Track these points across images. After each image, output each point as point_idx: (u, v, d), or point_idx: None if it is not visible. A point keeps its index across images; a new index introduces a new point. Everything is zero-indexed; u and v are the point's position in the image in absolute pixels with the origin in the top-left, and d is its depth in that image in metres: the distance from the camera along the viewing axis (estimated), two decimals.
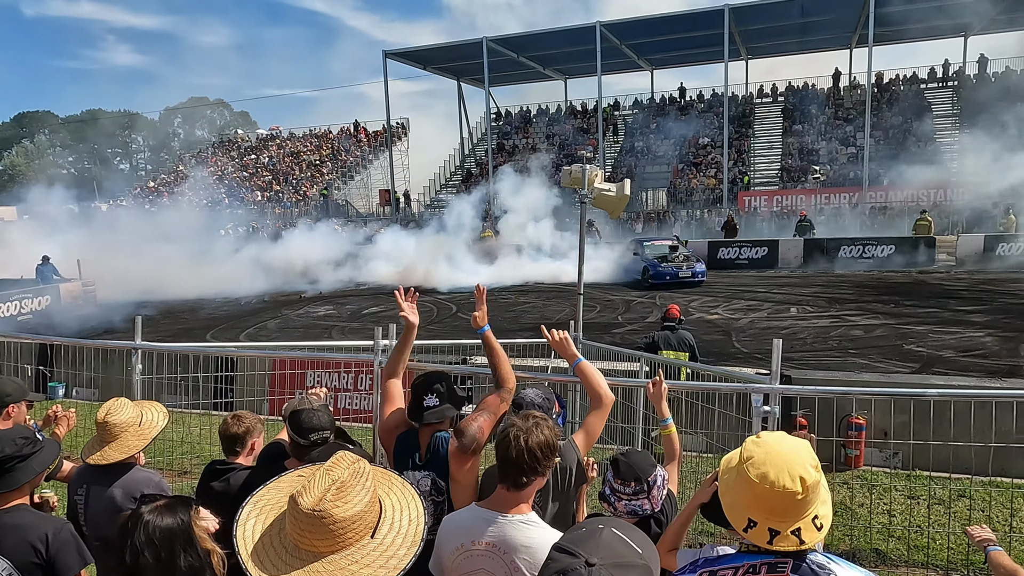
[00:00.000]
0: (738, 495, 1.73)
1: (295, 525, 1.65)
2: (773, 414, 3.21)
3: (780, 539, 1.65)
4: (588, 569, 1.41)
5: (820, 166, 32.10)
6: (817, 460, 1.73)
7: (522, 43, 37.00)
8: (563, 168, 5.43)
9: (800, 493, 1.64)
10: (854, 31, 32.34)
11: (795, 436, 2.61)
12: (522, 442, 2.17)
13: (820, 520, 1.67)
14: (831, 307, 15.97)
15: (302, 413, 2.97)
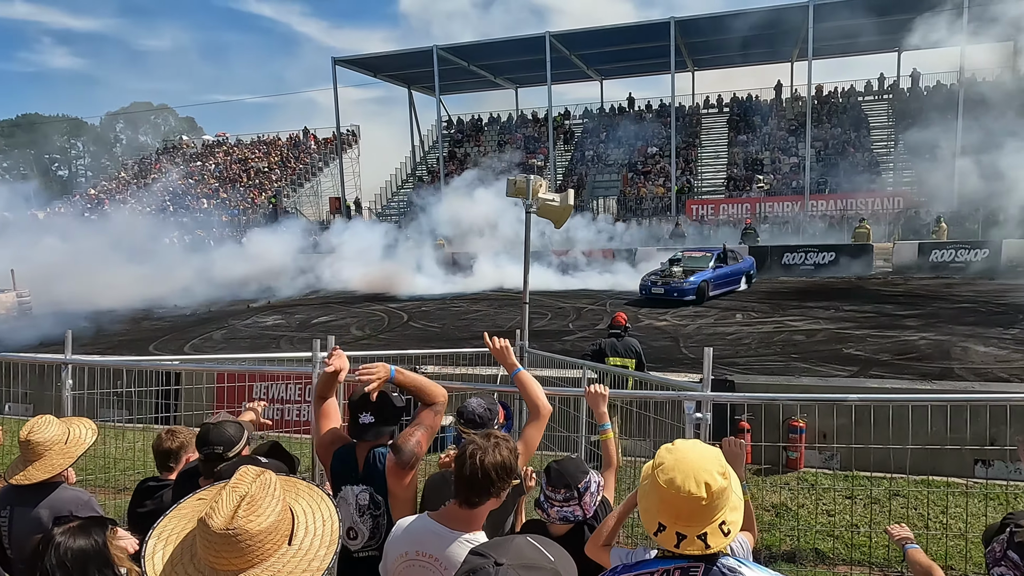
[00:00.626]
0: (650, 500, 1.78)
1: (209, 547, 1.61)
2: (705, 421, 3.29)
3: (687, 543, 1.71)
4: (496, 568, 1.43)
5: (764, 175, 32.99)
6: (727, 468, 1.78)
7: (473, 52, 37.12)
8: (507, 178, 5.48)
9: (705, 499, 1.69)
10: (795, 45, 33.36)
11: (730, 441, 2.70)
12: (477, 461, 2.17)
13: (728, 526, 1.72)
14: (775, 313, 16.40)
15: (206, 428, 2.90)
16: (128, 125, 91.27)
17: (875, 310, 16.17)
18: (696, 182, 35.14)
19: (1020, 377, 10.51)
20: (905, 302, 17.15)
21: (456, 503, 2.23)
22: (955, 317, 14.99)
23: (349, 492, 2.81)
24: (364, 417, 2.82)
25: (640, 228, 29.47)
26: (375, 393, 2.79)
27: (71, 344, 5.89)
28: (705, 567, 1.72)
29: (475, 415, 2.99)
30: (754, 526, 2.65)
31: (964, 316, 15.08)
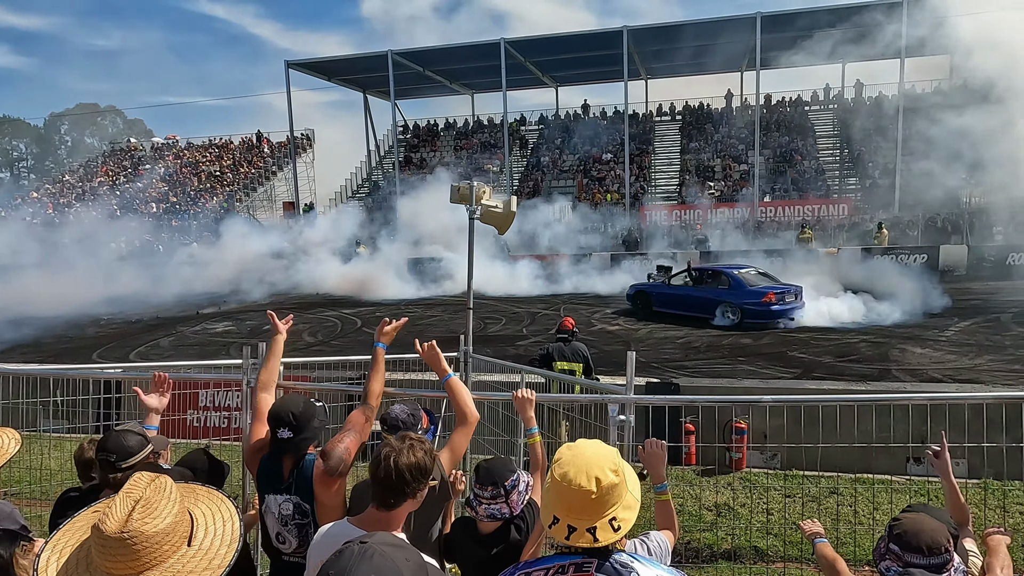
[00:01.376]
0: (548, 494, 1.86)
1: (104, 553, 1.60)
2: (628, 423, 3.38)
3: (576, 536, 1.77)
4: (360, 545, 1.51)
5: (715, 182, 33.67)
6: (621, 466, 1.85)
7: (428, 57, 37.08)
8: (451, 185, 5.53)
9: (595, 493, 1.76)
10: (744, 56, 34.15)
11: (651, 442, 2.79)
12: (391, 463, 2.20)
13: (618, 522, 1.79)
14: None
15: (107, 435, 2.85)
16: (73, 127, 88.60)
17: None
18: (650, 188, 35.68)
19: (953, 377, 10.94)
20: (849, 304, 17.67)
21: (374, 506, 2.26)
22: (896, 319, 15.55)
23: (273, 502, 2.80)
24: (283, 432, 2.79)
25: (596, 233, 29.79)
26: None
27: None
28: (598, 563, 1.78)
29: (398, 421, 3.03)
30: (674, 525, 2.71)
31: (903, 318, 15.63)
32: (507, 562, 2.03)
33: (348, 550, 1.52)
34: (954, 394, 5.93)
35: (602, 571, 1.78)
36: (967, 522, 2.93)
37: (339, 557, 1.51)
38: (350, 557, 1.49)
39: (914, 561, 2.23)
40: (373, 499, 2.26)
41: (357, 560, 1.47)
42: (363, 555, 1.48)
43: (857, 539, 5.63)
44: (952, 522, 2.71)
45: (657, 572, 1.82)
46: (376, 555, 1.49)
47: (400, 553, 1.54)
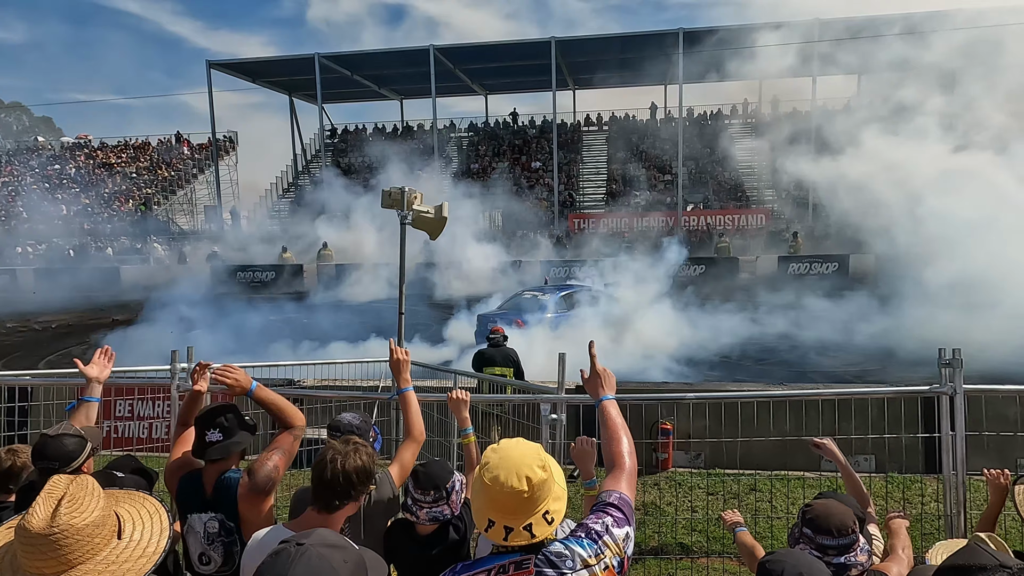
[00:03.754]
0: (479, 498, 1.89)
1: (31, 552, 1.55)
2: (560, 421, 3.48)
3: (514, 535, 1.82)
4: (297, 548, 1.50)
5: (640, 191, 34.53)
6: (547, 461, 1.91)
7: (356, 61, 36.68)
8: (382, 189, 5.53)
9: (527, 492, 1.81)
10: (668, 69, 35.19)
11: (582, 440, 2.88)
12: (338, 465, 2.20)
13: (551, 515, 1.85)
14: None
15: (43, 441, 2.71)
16: None
17: (745, 317, 17.26)
18: (577, 196, 36.26)
19: (863, 378, 11.58)
20: (766, 311, 18.42)
21: (314, 509, 2.25)
22: (812, 324, 16.31)
23: (196, 520, 2.70)
24: (211, 434, 2.73)
25: (524, 240, 30.05)
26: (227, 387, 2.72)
27: None
28: (536, 558, 1.83)
29: (352, 427, 3.01)
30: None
31: (819, 324, 16.41)
32: (447, 563, 2.05)
33: (284, 551, 1.49)
34: (858, 390, 6.31)
35: (542, 564, 1.82)
36: (868, 504, 3.15)
37: (275, 559, 1.48)
38: (287, 559, 1.47)
39: (825, 543, 2.38)
40: (315, 502, 2.25)
41: (294, 561, 1.45)
42: (300, 556, 1.46)
43: (775, 532, 5.89)
44: (858, 507, 2.92)
45: (587, 550, 1.86)
46: (314, 556, 1.47)
47: (338, 554, 1.53)
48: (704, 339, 14.98)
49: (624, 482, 2.10)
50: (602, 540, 1.88)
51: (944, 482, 4.15)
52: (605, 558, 1.86)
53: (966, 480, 4.08)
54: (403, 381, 3.15)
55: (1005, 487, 2.84)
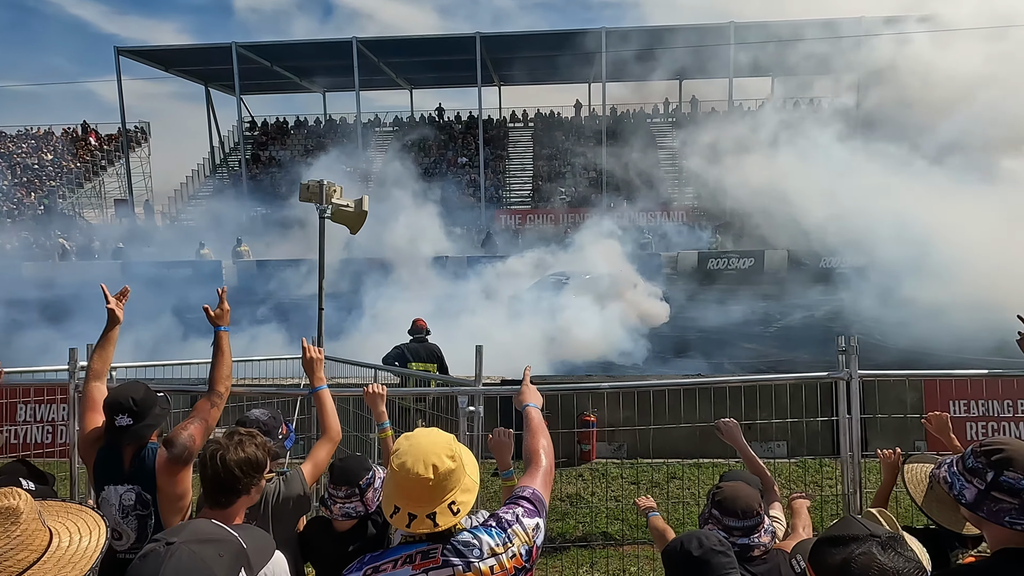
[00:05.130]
0: (388, 485, 1.90)
1: None
2: (477, 413, 3.50)
3: (417, 523, 1.83)
4: (167, 548, 1.46)
5: (566, 188, 34.92)
6: (459, 452, 1.93)
7: (276, 52, 35.67)
8: (300, 183, 5.40)
9: (432, 480, 1.82)
10: (592, 67, 35.72)
11: (499, 431, 2.89)
12: (219, 460, 2.16)
13: (457, 506, 1.86)
14: None
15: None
16: None
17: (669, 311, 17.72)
18: (504, 193, 36.38)
19: (776, 368, 12.05)
20: (687, 305, 18.99)
21: (207, 507, 2.21)
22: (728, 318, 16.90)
23: (112, 492, 2.64)
24: (121, 419, 2.65)
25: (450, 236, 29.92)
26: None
27: None
28: (443, 547, 1.85)
29: (258, 423, 2.93)
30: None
31: (735, 317, 17.02)
32: None
33: (153, 553, 1.45)
34: (762, 377, 6.58)
35: (448, 553, 1.84)
36: (771, 485, 3.29)
37: (144, 562, 1.44)
38: (156, 560, 1.43)
39: (731, 524, 2.49)
40: (205, 499, 2.21)
41: (164, 562, 1.42)
42: (170, 556, 1.43)
43: (694, 519, 6.07)
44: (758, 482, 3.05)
45: (494, 539, 1.88)
46: (184, 554, 1.44)
47: (211, 548, 1.49)
48: (632, 332, 15.32)
49: (540, 479, 2.13)
50: (511, 528, 1.90)
51: (842, 463, 4.36)
52: (513, 546, 1.88)
53: (862, 461, 4.30)
54: (317, 380, 3.11)
55: (896, 465, 3.01)
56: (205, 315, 3.02)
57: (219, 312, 3.01)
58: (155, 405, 2.74)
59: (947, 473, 1.98)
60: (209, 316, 3.01)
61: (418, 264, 23.91)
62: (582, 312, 15.23)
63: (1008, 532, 1.83)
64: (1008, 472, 1.83)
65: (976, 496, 1.87)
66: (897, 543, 1.43)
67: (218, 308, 3.02)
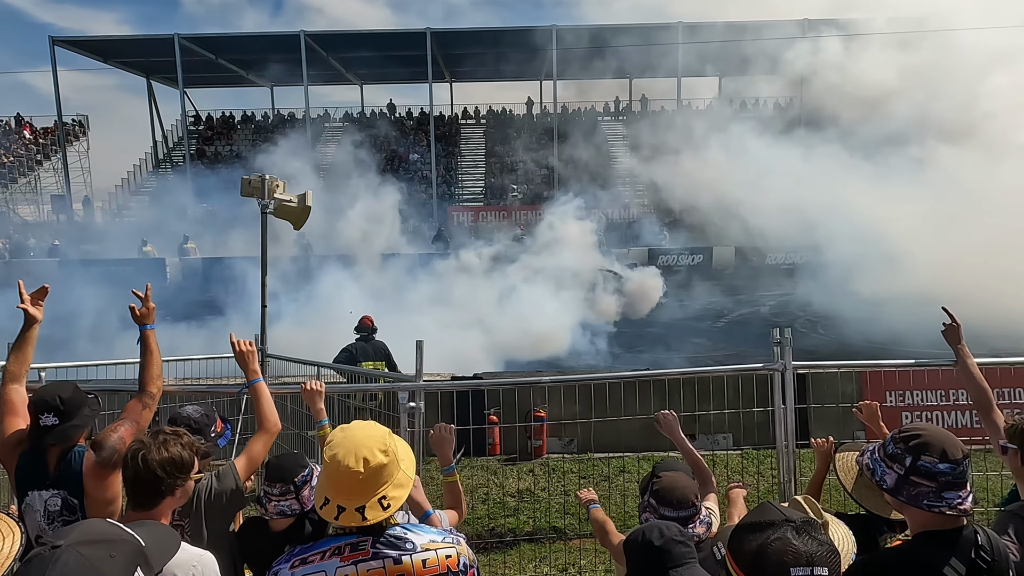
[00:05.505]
0: (321, 477, 1.89)
1: None
2: (419, 409, 3.49)
3: (346, 516, 1.82)
4: (52, 551, 1.41)
5: (518, 185, 35.00)
6: (391, 447, 1.91)
7: (221, 45, 34.81)
8: (242, 177, 5.27)
9: (362, 473, 1.81)
10: (543, 65, 35.84)
11: (440, 427, 2.89)
12: (140, 460, 2.09)
13: (388, 501, 1.85)
14: None
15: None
16: None
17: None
18: (456, 189, 36.26)
19: (722, 362, 12.30)
20: None
21: (131, 509, 2.16)
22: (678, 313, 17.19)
23: (36, 498, 2.54)
24: (47, 418, 2.55)
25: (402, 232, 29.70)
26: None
27: None
28: (373, 539, 1.84)
29: (190, 421, 2.86)
30: (461, 505, 2.86)
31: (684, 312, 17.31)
32: None
33: (38, 557, 1.39)
34: (699, 369, 6.72)
35: (378, 546, 1.83)
36: (708, 477, 3.35)
37: (28, 567, 1.38)
38: (39, 566, 1.37)
39: (666, 514, 2.53)
40: (128, 501, 2.15)
41: (50, 566, 1.36)
42: (56, 560, 1.37)
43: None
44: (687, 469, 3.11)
45: (430, 537, 1.89)
46: (72, 557, 1.38)
47: (102, 549, 1.43)
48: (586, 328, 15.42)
49: None
50: (457, 537, 1.94)
51: (777, 452, 4.47)
52: (453, 549, 1.89)
53: (796, 450, 4.40)
54: (251, 373, 3.04)
55: (829, 454, 3.09)
56: (131, 314, 2.93)
57: (144, 311, 2.93)
58: (84, 405, 2.64)
59: (869, 459, 2.04)
60: (134, 315, 2.92)
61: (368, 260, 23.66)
62: (538, 308, 15.30)
63: (927, 515, 1.90)
64: (925, 457, 1.89)
65: (896, 481, 1.93)
66: (812, 528, 1.46)
67: (143, 307, 2.94)
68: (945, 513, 1.87)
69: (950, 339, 3.47)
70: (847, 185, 20.70)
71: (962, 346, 3.40)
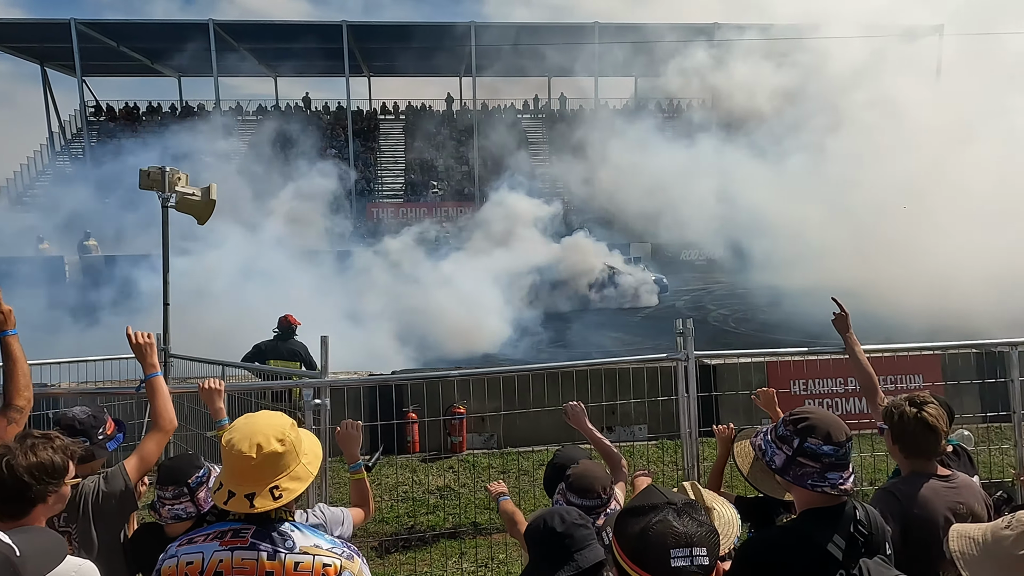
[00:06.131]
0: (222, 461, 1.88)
1: None
2: (324, 406, 3.45)
3: (235, 502, 1.81)
4: None
5: (439, 181, 34.79)
6: (289, 437, 1.89)
7: (123, 31, 33.14)
8: (140, 169, 5.02)
9: (254, 459, 1.80)
10: (463, 61, 35.75)
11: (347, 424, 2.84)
12: (3, 466, 1.97)
13: (280, 491, 1.83)
14: None
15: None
16: None
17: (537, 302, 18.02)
18: (376, 186, 35.72)
19: (637, 353, 12.60)
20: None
21: None
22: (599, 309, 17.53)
23: None
24: None
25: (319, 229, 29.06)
26: None
27: None
28: (257, 529, 1.82)
29: (75, 422, 2.69)
30: (368, 503, 2.85)
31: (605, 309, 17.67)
32: None
33: None
34: (604, 360, 6.87)
35: (258, 537, 1.80)
36: (618, 463, 3.42)
37: None
38: None
39: (574, 501, 2.57)
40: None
41: None
42: None
43: None
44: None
45: (315, 541, 1.85)
46: None
47: None
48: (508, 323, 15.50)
49: None
50: (351, 553, 1.89)
51: (682, 440, 4.61)
52: (338, 560, 1.83)
53: (698, 438, 4.53)
54: (149, 367, 2.88)
55: (729, 439, 3.22)
56: None
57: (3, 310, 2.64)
58: None
59: (762, 441, 2.15)
60: None
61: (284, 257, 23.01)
62: (468, 304, 15.26)
63: (811, 494, 2.01)
64: (811, 439, 2.00)
65: (784, 461, 2.04)
66: (693, 510, 1.50)
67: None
68: (827, 492, 1.98)
69: (839, 328, 3.69)
70: (755, 182, 21.60)
71: (850, 334, 3.63)
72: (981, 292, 13.75)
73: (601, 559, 1.98)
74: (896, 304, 13.69)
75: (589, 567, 1.96)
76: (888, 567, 1.96)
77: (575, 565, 1.95)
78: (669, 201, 23.93)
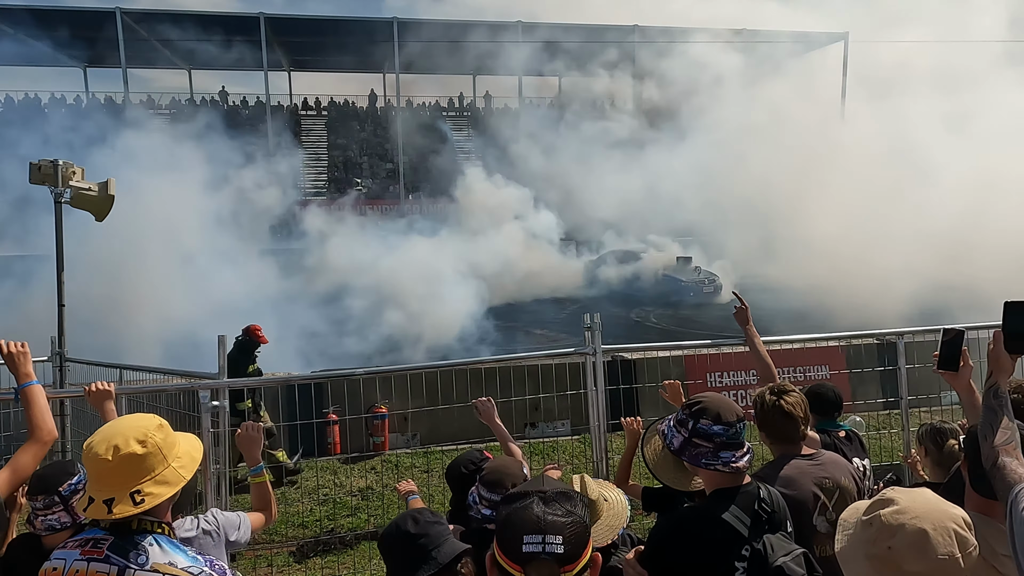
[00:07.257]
0: None
1: None
2: (222, 408, 3.35)
3: (94, 508, 1.74)
4: None
5: (363, 179, 34.26)
6: (158, 440, 1.81)
7: (24, 18, 31.23)
8: (30, 162, 4.71)
9: (110, 462, 1.73)
10: (386, 57, 35.30)
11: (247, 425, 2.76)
12: None
13: (143, 496, 1.75)
14: None
15: None
16: None
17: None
18: (298, 183, 34.84)
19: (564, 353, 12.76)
20: None
21: None
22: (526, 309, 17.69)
23: None
24: None
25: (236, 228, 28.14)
26: None
27: None
28: (115, 541, 1.74)
29: None
30: (270, 507, 2.79)
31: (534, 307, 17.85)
32: None
33: None
34: (516, 356, 6.95)
35: (113, 549, 1.73)
36: (519, 459, 3.46)
37: None
38: None
39: (486, 496, 2.56)
40: None
41: None
42: None
43: None
44: None
45: (172, 558, 1.77)
46: None
47: None
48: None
49: None
50: (220, 572, 1.82)
51: (591, 433, 4.68)
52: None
53: (607, 432, 4.62)
54: (23, 376, 2.72)
55: (638, 433, 3.29)
56: None
57: None
58: None
59: (666, 427, 2.27)
60: None
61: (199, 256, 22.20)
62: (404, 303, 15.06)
63: (714, 474, 2.14)
64: (703, 420, 2.13)
65: (681, 443, 2.17)
66: (565, 499, 1.51)
67: None
68: (721, 470, 2.10)
69: (740, 320, 3.83)
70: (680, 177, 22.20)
71: (750, 327, 3.77)
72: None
73: (459, 551, 1.98)
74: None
75: (448, 562, 1.95)
76: (789, 542, 2.07)
77: (435, 563, 1.93)
78: (593, 197, 24.36)
